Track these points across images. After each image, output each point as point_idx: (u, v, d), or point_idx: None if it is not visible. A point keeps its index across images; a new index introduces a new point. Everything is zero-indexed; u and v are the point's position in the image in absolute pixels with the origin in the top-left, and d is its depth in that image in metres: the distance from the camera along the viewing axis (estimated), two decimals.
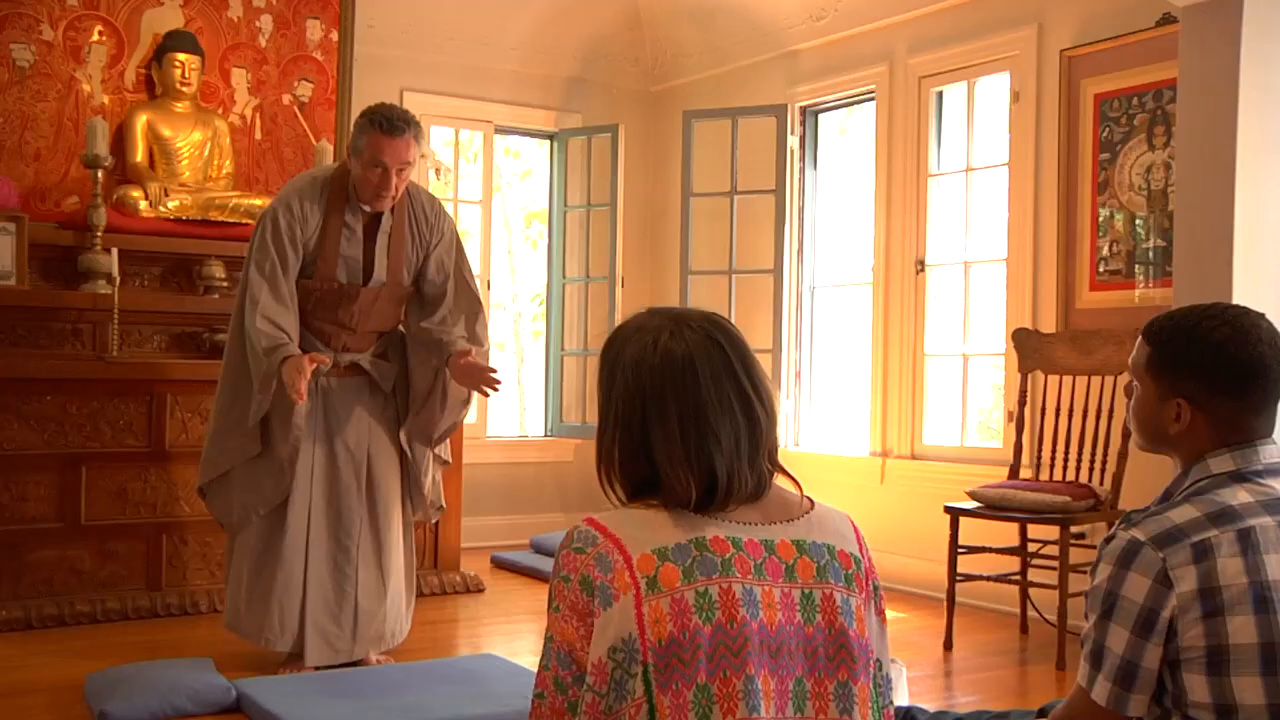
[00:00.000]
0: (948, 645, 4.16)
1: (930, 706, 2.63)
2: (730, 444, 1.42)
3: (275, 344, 3.07)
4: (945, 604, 4.22)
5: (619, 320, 6.57)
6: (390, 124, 3.03)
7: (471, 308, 3.42)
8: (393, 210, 3.22)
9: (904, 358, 5.36)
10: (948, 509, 4.23)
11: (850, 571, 1.45)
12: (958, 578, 4.21)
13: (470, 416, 6.00)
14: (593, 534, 1.39)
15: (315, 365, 3.02)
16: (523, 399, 9.03)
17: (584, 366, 6.52)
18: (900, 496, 5.30)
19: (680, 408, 1.40)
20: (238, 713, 3.08)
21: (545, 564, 5.46)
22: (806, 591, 1.41)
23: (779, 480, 1.52)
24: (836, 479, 5.49)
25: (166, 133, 4.98)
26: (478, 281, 3.63)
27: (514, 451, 6.50)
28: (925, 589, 5.05)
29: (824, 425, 6.05)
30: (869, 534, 1.58)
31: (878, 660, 1.47)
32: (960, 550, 4.23)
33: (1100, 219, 4.57)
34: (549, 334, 6.71)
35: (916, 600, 4.99)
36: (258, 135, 5.25)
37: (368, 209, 3.20)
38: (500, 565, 5.53)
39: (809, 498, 1.52)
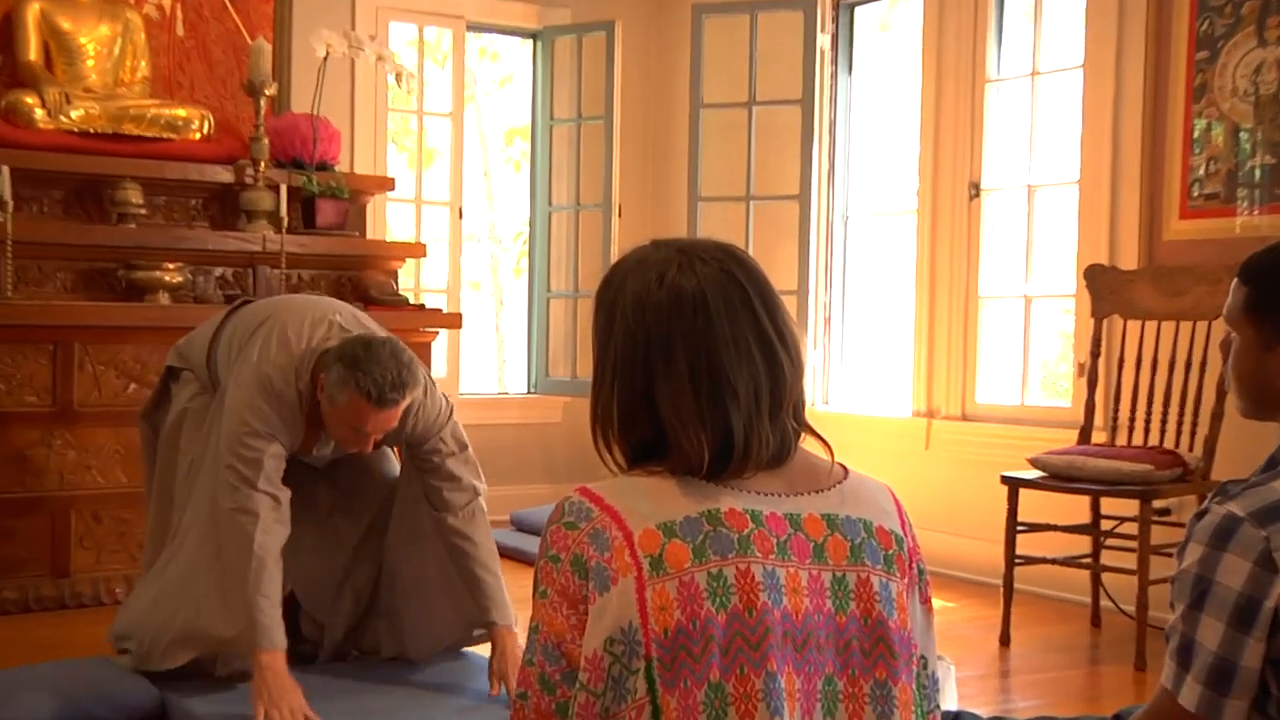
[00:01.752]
0: (1004, 640, 4.18)
1: (983, 712, 2.64)
2: (749, 397, 1.42)
3: (263, 625, 2.99)
4: (1002, 592, 4.23)
5: (616, 256, 6.59)
6: (380, 396, 2.98)
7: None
8: None
9: (954, 300, 5.36)
10: (1005, 479, 4.23)
11: (890, 552, 1.46)
12: (1016, 561, 4.22)
13: (439, 370, 6.04)
14: (587, 506, 1.40)
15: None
16: (501, 350, 9.03)
17: (574, 311, 6.51)
18: (948, 465, 5.31)
19: (690, 354, 1.41)
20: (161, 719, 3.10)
21: (529, 543, 5.47)
22: (839, 574, 1.42)
23: (806, 443, 1.52)
24: (873, 444, 5.51)
25: (66, 26, 4.89)
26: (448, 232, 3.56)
27: (491, 412, 6.51)
28: (978, 574, 5.07)
29: (858, 381, 6.06)
30: (911, 509, 1.57)
31: (922, 657, 1.48)
32: (1020, 529, 4.23)
33: (1195, 132, 4.52)
34: (533, 273, 6.70)
35: (967, 587, 5.01)
36: (179, 31, 5.19)
37: None
38: None
39: (841, 464, 1.52)
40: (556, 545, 1.40)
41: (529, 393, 6.70)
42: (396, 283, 5.27)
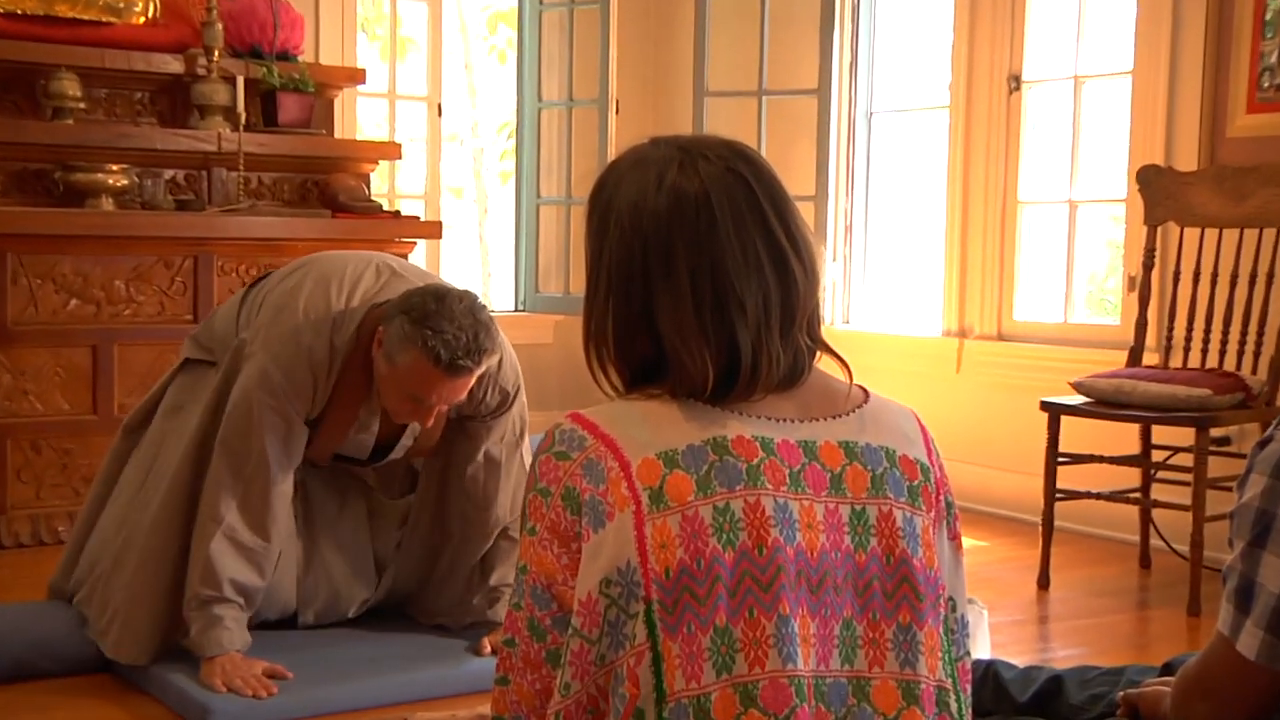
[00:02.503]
0: (1043, 583, 4.19)
1: (1019, 661, 2.64)
2: (757, 310, 1.43)
3: (213, 600, 2.93)
4: (1040, 530, 4.24)
5: (613, 157, 6.58)
6: (451, 360, 2.79)
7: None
8: None
9: (990, 206, 5.33)
10: (1045, 406, 4.22)
11: (915, 483, 1.47)
12: (1057, 495, 4.22)
13: None
14: (579, 434, 1.41)
15: (257, 691, 2.89)
16: (486, 262, 9.00)
17: (567, 219, 6.46)
18: (982, 389, 5.31)
19: (692, 263, 1.42)
20: (107, 671, 3.10)
21: None
22: (858, 508, 1.43)
23: (821, 363, 1.53)
24: (898, 367, 5.51)
25: None
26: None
27: None
28: (1014, 510, 5.09)
29: (882, 297, 6.04)
30: (940, 438, 1.55)
31: (950, 599, 1.49)
32: (1061, 460, 4.22)
33: (1266, 14, 4.45)
34: (520, 176, 6.66)
35: (1002, 524, 5.02)
36: None
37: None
38: None
39: (861, 387, 1.53)
40: (546, 477, 1.41)
41: (517, 310, 6.69)
42: (368, 188, 5.22)
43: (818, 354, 1.50)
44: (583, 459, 1.40)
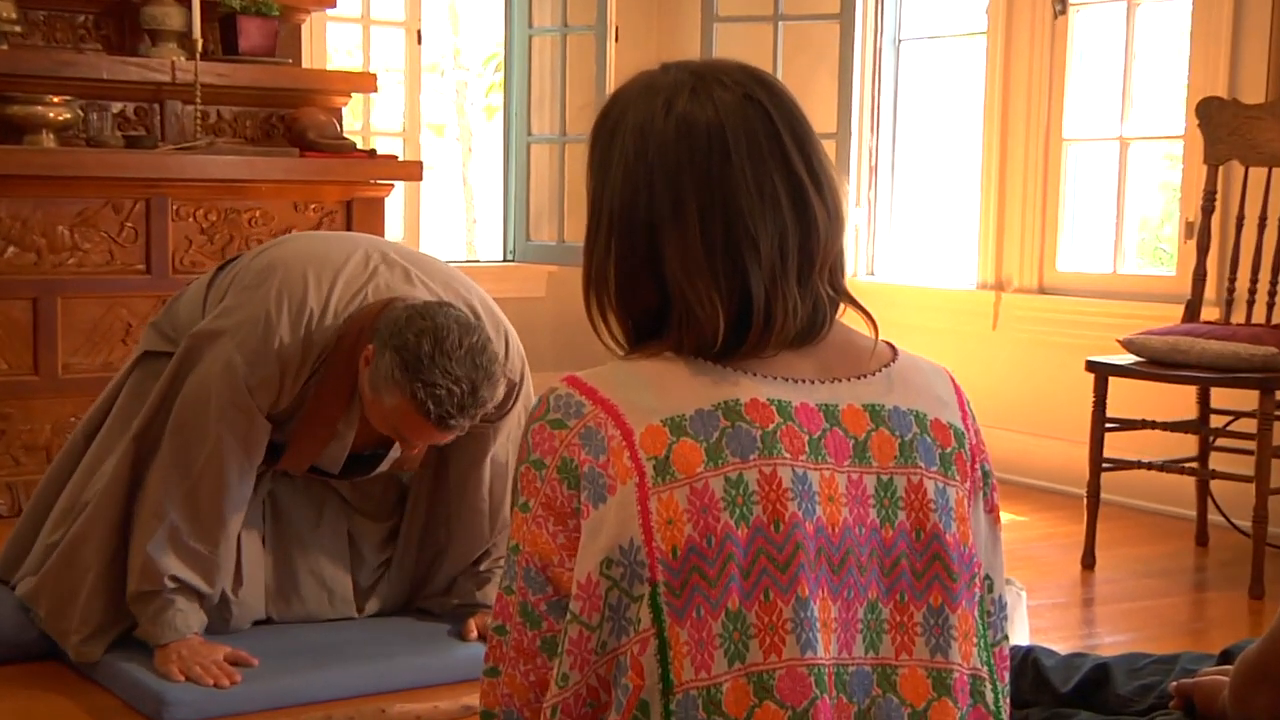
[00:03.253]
0: (1088, 562, 4.20)
1: (1061, 648, 2.64)
2: (773, 252, 1.42)
3: (156, 592, 2.91)
4: (1085, 503, 4.24)
5: (612, 89, 6.55)
6: (442, 417, 2.77)
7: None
8: None
9: (1032, 144, 5.31)
10: (1091, 366, 4.21)
11: (948, 450, 1.46)
12: (1104, 465, 4.22)
13: (395, 233, 6.00)
14: (576, 400, 1.41)
15: (219, 678, 2.88)
16: (470, 207, 8.98)
17: (561, 158, 6.45)
18: (1021, 348, 5.31)
19: (702, 200, 1.42)
20: (55, 659, 3.10)
21: None
22: (885, 478, 1.43)
23: (845, 317, 1.52)
24: (928, 323, 5.51)
25: None
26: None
27: None
28: (1056, 482, 5.10)
29: (911, 245, 6.02)
30: (974, 402, 1.55)
31: (986, 577, 1.49)
32: (1109, 426, 4.22)
33: None
34: (509, 112, 6.64)
35: (1043, 497, 5.03)
36: None
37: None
38: None
39: (889, 343, 1.52)
40: (540, 448, 1.41)
41: (505, 260, 6.68)
42: (340, 124, 5.20)
43: (840, 307, 1.49)
44: (580, 427, 1.39)
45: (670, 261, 1.42)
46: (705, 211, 1.41)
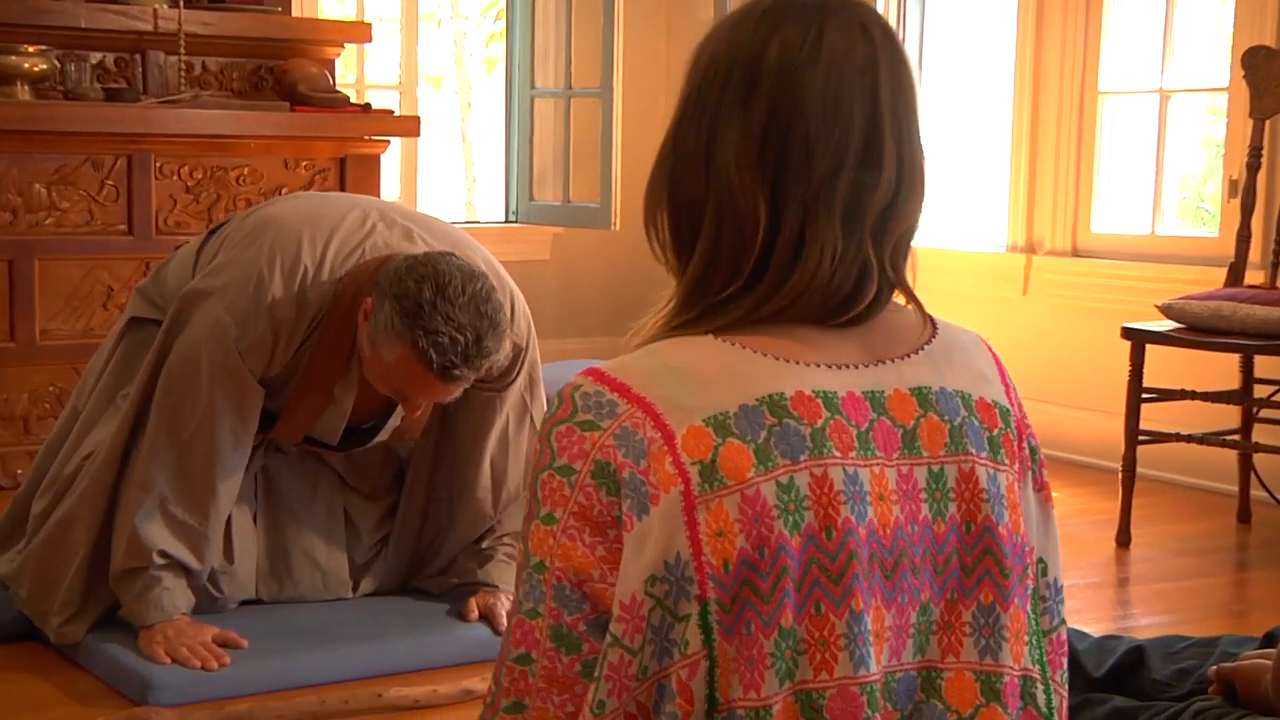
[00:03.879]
0: (1123, 540, 4.20)
1: (1094, 630, 2.64)
2: (824, 173, 1.38)
3: (142, 569, 2.93)
4: (1120, 478, 4.24)
5: (622, 39, 6.46)
6: (445, 367, 2.76)
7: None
8: None
9: (1066, 97, 5.30)
10: (1128, 333, 4.21)
11: (996, 432, 1.44)
12: (1141, 438, 4.22)
13: (391, 192, 5.99)
14: (607, 397, 1.37)
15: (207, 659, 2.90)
16: (470, 164, 8.96)
17: (566, 113, 6.42)
18: (1053, 314, 5.31)
19: (773, 100, 1.39)
20: (33, 639, 3.12)
21: None
22: (935, 469, 1.41)
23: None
24: (955, 287, 5.50)
25: None
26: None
27: None
28: (1090, 455, 5.10)
29: (937, 205, 5.99)
30: (1008, 367, 1.52)
31: (1040, 561, 1.48)
32: (1146, 396, 4.21)
33: None
34: (511, 64, 6.62)
35: (1076, 472, 5.03)
36: None
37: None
38: None
39: (930, 316, 1.48)
40: (567, 452, 1.36)
41: (507, 221, 6.67)
42: (333, 76, 5.18)
43: (894, 292, 1.44)
44: (615, 428, 1.35)
45: (724, 147, 1.39)
46: (772, 113, 1.38)
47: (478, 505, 3.25)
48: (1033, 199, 5.42)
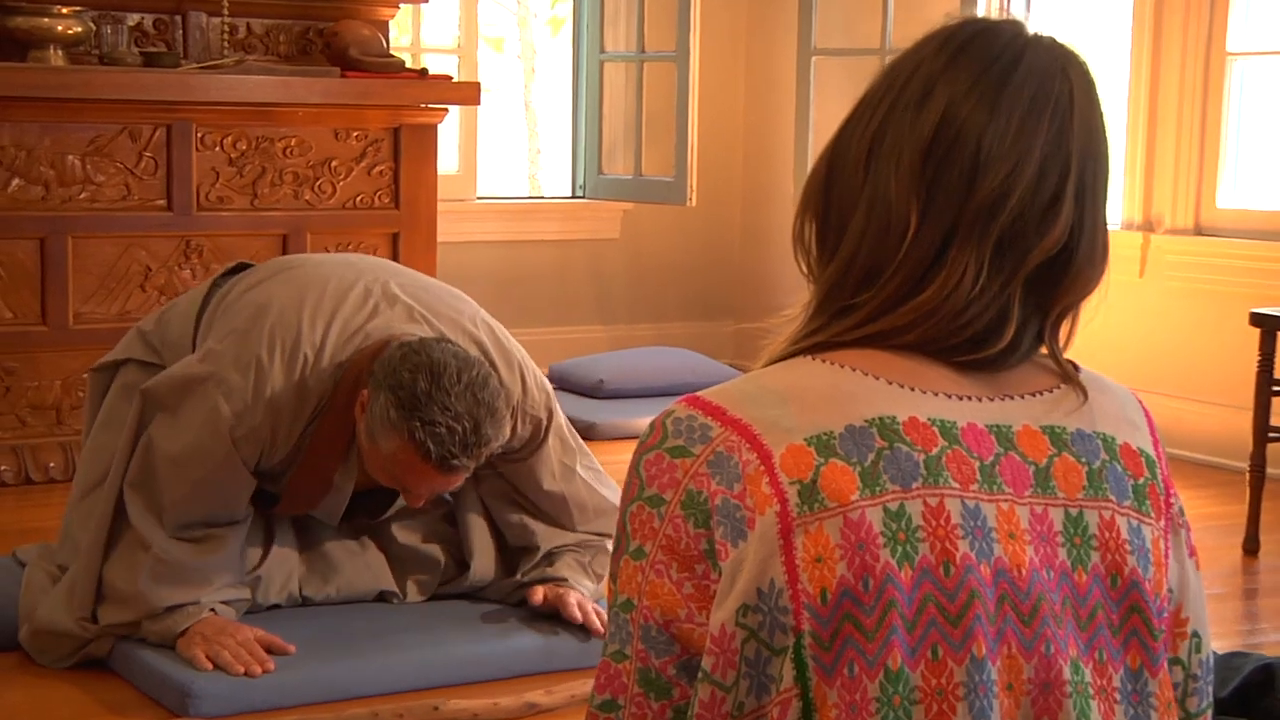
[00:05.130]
0: (1250, 547, 4.17)
1: (1217, 645, 2.62)
2: (987, 200, 1.37)
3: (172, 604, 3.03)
4: (1248, 478, 4.21)
5: (699, 5, 6.43)
6: (443, 458, 2.91)
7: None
8: None
9: (1189, 58, 5.26)
10: (1257, 319, 4.18)
11: (1141, 481, 1.44)
12: (1270, 435, 4.19)
13: (447, 165, 6.01)
14: (701, 421, 1.37)
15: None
16: (534, 135, 8.98)
17: (638, 79, 6.43)
18: (1173, 298, 5.28)
19: (948, 110, 1.39)
20: None
21: (572, 406, 5.47)
22: (1073, 512, 1.39)
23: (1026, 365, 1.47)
24: None
25: None
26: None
27: (520, 223, 6.53)
28: (1213, 454, 5.06)
29: None
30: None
31: (1195, 634, 1.46)
32: (1277, 389, 4.18)
33: None
34: (579, 25, 6.64)
35: (1198, 472, 4.99)
36: None
37: None
38: None
39: (1071, 362, 1.47)
40: (657, 480, 1.37)
41: (574, 197, 6.69)
42: (386, 39, 5.21)
43: (1037, 351, 1.44)
44: (708, 453, 1.35)
45: (887, 148, 1.40)
46: (945, 122, 1.38)
47: (555, 521, 3.35)
48: (1151, 171, 5.38)
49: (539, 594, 3.20)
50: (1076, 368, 1.47)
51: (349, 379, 3.02)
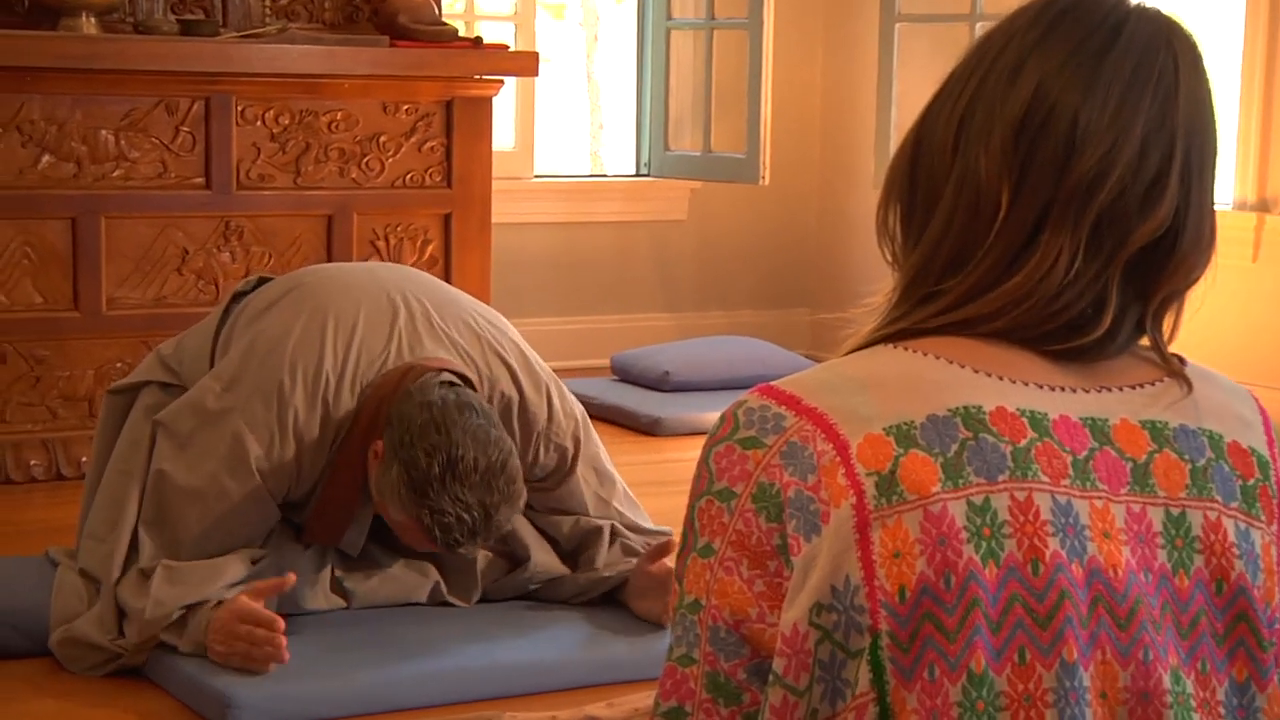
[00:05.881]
0: None
1: None
2: (1081, 180, 1.38)
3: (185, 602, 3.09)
4: None
5: None
6: (450, 543, 3.04)
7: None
8: None
9: None
10: None
11: (1251, 483, 1.43)
12: None
13: (503, 141, 6.03)
14: (774, 411, 1.38)
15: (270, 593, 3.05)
16: (596, 108, 8.99)
17: (708, 48, 6.43)
18: None
19: (1040, 83, 1.40)
20: None
21: (635, 400, 5.54)
22: (1174, 512, 1.39)
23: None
24: None
25: None
26: None
27: (581, 204, 6.55)
28: None
29: None
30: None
31: None
32: None
33: None
34: None
35: None
36: None
37: None
38: None
39: (1176, 355, 1.46)
40: (727, 474, 1.38)
41: (638, 175, 6.70)
42: (439, 6, 5.23)
43: (1138, 341, 1.44)
44: (781, 444, 1.36)
45: (978, 125, 1.40)
46: (1037, 96, 1.39)
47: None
48: (1267, 146, 5.36)
49: (651, 569, 3.26)
50: (1182, 361, 1.46)
51: (369, 408, 3.11)
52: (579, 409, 3.40)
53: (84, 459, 4.43)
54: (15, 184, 4.48)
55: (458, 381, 3.14)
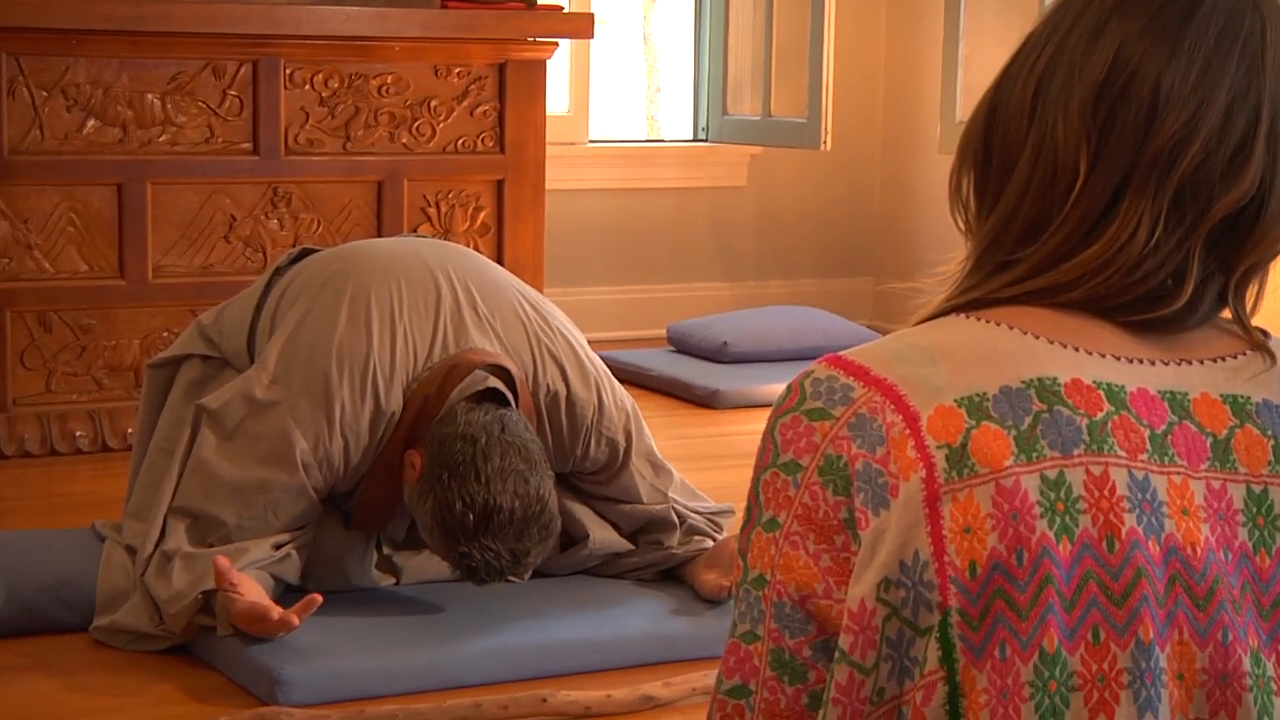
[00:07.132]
0: None
1: None
2: (1165, 143, 1.38)
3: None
4: None
5: None
6: (478, 582, 3.13)
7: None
8: None
9: None
10: None
11: None
12: None
13: (557, 105, 6.03)
14: (842, 382, 1.38)
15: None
16: (653, 72, 8.98)
17: (769, 8, 6.41)
18: None
19: (1121, 47, 1.40)
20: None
21: (692, 371, 5.53)
22: (1256, 490, 1.39)
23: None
24: None
25: None
26: None
27: (637, 170, 6.55)
28: None
29: None
30: None
31: None
32: None
33: None
34: None
35: None
36: None
37: None
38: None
39: (1260, 328, 1.46)
40: (793, 446, 1.38)
41: (696, 140, 6.70)
42: None
43: (1220, 313, 1.44)
44: (849, 415, 1.36)
45: (1056, 88, 1.41)
46: (1118, 60, 1.39)
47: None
48: None
49: (707, 579, 3.31)
50: (1266, 334, 1.46)
51: (415, 403, 3.16)
52: (629, 401, 3.44)
53: (129, 430, 4.47)
54: (60, 149, 4.51)
55: (501, 386, 3.17)
